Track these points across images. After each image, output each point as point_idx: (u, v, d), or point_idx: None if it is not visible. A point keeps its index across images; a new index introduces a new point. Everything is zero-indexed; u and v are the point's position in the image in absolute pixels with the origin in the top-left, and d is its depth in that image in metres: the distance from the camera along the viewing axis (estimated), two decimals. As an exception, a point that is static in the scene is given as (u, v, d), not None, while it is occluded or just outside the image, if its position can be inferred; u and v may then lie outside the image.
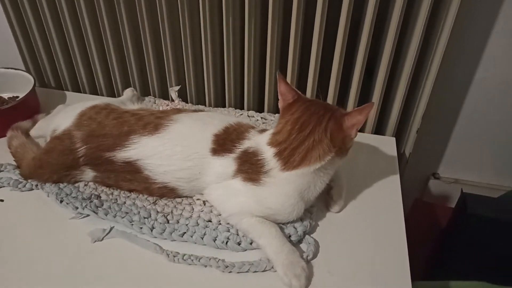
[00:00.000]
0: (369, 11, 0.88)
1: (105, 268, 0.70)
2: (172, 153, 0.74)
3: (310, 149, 0.70)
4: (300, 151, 0.70)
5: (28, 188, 0.83)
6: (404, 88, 0.98)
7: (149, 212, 0.77)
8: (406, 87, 0.98)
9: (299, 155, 0.70)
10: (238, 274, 0.69)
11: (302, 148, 0.70)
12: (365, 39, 0.92)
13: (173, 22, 0.99)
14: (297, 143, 0.70)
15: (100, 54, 1.10)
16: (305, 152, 0.70)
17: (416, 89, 1.01)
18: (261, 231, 0.70)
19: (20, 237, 0.75)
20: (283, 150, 0.71)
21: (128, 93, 1.03)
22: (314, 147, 0.70)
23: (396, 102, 1.01)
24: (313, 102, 0.76)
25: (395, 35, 0.90)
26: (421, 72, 0.99)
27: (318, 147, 0.70)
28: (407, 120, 1.06)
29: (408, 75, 0.96)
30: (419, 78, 1.00)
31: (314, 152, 0.70)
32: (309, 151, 0.70)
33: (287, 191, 0.71)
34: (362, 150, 0.98)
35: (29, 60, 1.17)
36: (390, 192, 0.85)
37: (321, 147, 0.70)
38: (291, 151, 0.70)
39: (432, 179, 1.28)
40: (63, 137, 0.79)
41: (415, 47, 0.91)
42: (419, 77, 1.00)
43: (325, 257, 0.72)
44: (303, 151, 0.70)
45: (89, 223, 0.77)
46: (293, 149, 0.70)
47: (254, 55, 1.00)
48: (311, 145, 0.70)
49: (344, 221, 0.79)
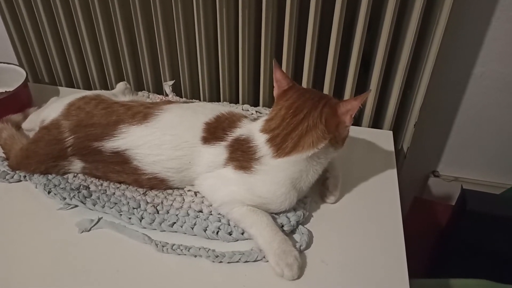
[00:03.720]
0: (364, 3, 0.87)
1: (92, 258, 0.68)
2: (161, 142, 0.73)
3: (304, 135, 0.68)
4: (293, 137, 0.68)
5: (16, 180, 0.81)
6: (400, 81, 0.96)
7: (138, 202, 0.75)
8: (402, 80, 0.96)
9: (291, 141, 0.68)
10: (229, 264, 0.67)
11: (295, 133, 0.68)
12: (360, 32, 0.90)
13: (167, 16, 0.98)
14: (290, 128, 0.69)
15: (93, 49, 1.09)
16: (298, 138, 0.68)
17: (414, 82, 1.00)
18: (252, 220, 0.68)
19: (7, 228, 0.73)
20: (276, 136, 0.69)
21: (121, 86, 1.01)
22: (308, 132, 0.68)
23: (393, 95, 0.99)
24: (308, 90, 0.75)
25: (390, 28, 0.89)
26: (418, 65, 0.97)
27: (312, 132, 0.68)
28: (405, 114, 1.04)
29: (405, 68, 0.94)
30: (416, 71, 0.99)
31: (307, 138, 0.68)
32: (302, 137, 0.68)
33: (278, 179, 0.69)
34: (358, 143, 0.96)
35: (22, 56, 1.16)
36: (387, 186, 0.83)
37: (315, 133, 0.68)
38: (283, 137, 0.69)
39: (431, 177, 1.26)
40: (51, 127, 0.78)
41: (411, 39, 0.90)
42: (416, 70, 0.99)
43: (319, 247, 0.70)
44: (296, 136, 0.68)
45: (77, 214, 0.75)
46: (286, 135, 0.69)
47: (249, 49, 0.99)
48: (305, 130, 0.68)
49: (339, 213, 0.77)
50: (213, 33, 0.99)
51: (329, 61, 0.96)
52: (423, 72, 0.95)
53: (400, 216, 0.76)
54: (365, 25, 0.90)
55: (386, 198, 0.80)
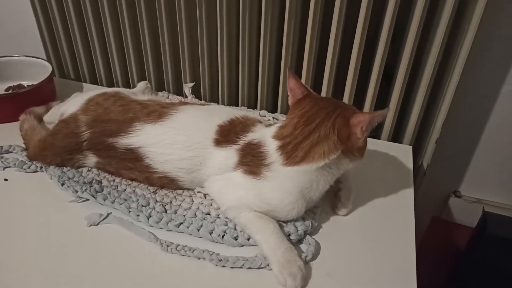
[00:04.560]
0: (389, 13, 0.85)
1: (97, 252, 0.68)
2: (173, 142, 0.73)
3: (315, 145, 0.67)
4: (303, 146, 0.67)
5: (33, 170, 0.83)
6: (423, 94, 0.94)
7: (148, 200, 0.75)
8: (425, 93, 0.93)
9: (302, 150, 0.67)
10: (232, 269, 0.66)
11: (307, 143, 0.67)
12: (383, 43, 0.89)
13: (190, 18, 0.99)
14: (302, 137, 0.67)
15: (118, 48, 1.11)
16: (309, 147, 0.67)
17: (437, 96, 0.97)
18: (258, 226, 0.67)
19: (19, 216, 0.75)
20: (287, 144, 0.68)
21: (141, 85, 1.03)
22: (319, 142, 0.67)
23: (415, 109, 0.96)
24: (324, 99, 0.74)
25: (414, 39, 0.87)
26: (443, 78, 0.95)
27: (323, 143, 0.67)
28: (426, 129, 1.01)
29: (428, 81, 0.92)
30: (440, 85, 0.96)
31: (318, 148, 0.67)
32: (313, 147, 0.67)
33: (287, 187, 0.68)
34: (376, 157, 0.94)
35: (51, 52, 1.20)
36: (402, 203, 0.80)
37: (326, 143, 0.67)
38: (294, 146, 0.67)
39: (452, 197, 1.21)
40: (69, 121, 0.79)
41: (436, 52, 0.88)
42: (440, 84, 0.96)
43: (326, 259, 0.68)
44: (307, 146, 0.67)
45: (87, 207, 0.76)
46: (297, 144, 0.67)
47: (270, 55, 0.99)
48: (316, 140, 0.67)
49: (349, 226, 0.75)
50: (235, 38, 1.00)
51: (350, 71, 0.95)
52: (448, 86, 0.92)
53: (413, 235, 0.73)
54: (389, 36, 0.88)
55: (400, 215, 0.77)
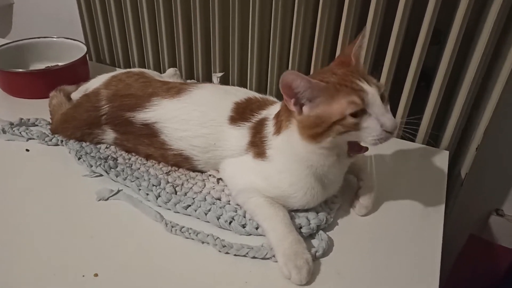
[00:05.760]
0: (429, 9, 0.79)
1: (100, 226, 0.66)
2: (189, 117, 0.71)
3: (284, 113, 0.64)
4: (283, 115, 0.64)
5: (54, 143, 0.84)
6: (464, 96, 0.86)
7: (159, 180, 0.73)
8: (467, 96, 0.86)
9: (283, 119, 0.64)
10: (235, 257, 0.62)
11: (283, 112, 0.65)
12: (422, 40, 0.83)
13: (223, 8, 0.99)
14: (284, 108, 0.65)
15: (152, 35, 1.12)
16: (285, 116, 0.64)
17: (481, 100, 0.89)
18: (267, 213, 0.63)
19: (33, 185, 0.75)
20: (278, 115, 0.66)
21: (170, 71, 1.02)
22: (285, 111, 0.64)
23: (455, 112, 0.89)
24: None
25: (456, 39, 0.81)
26: (488, 81, 0.87)
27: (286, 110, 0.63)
28: (467, 135, 0.93)
29: (471, 83, 0.84)
30: (485, 88, 0.88)
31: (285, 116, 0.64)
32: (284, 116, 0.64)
33: (288, 165, 0.64)
34: (408, 158, 0.87)
35: (90, 37, 1.23)
36: (431, 209, 0.73)
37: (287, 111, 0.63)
38: (281, 116, 0.65)
39: (494, 215, 1.11)
40: (91, 95, 0.80)
41: (480, 52, 0.81)
42: (485, 87, 0.88)
43: (337, 258, 0.62)
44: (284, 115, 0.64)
45: (100, 182, 0.75)
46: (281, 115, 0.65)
47: (302, 47, 0.95)
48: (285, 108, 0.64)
49: (368, 227, 0.69)
50: (267, 28, 0.97)
51: (385, 68, 0.89)
52: (493, 90, 0.84)
53: (440, 247, 0.65)
54: (428, 33, 0.82)
55: (427, 222, 0.70)
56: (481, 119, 0.87)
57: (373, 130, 0.57)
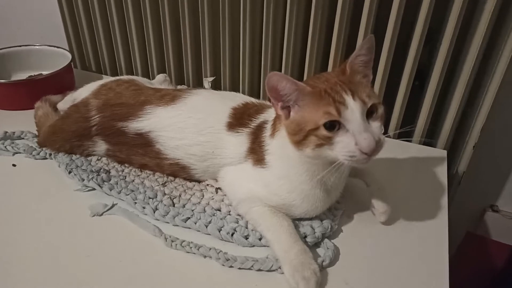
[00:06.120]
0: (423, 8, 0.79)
1: (97, 244, 0.63)
2: (185, 125, 0.68)
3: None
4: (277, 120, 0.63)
5: (42, 157, 0.81)
6: (461, 94, 0.86)
7: (155, 192, 0.71)
8: (463, 94, 0.85)
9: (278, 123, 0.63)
10: (240, 270, 0.60)
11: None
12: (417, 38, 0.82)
13: (213, 11, 0.96)
14: None
15: (139, 40, 1.09)
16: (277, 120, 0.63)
17: (477, 97, 0.89)
18: (270, 223, 0.61)
19: (23, 201, 0.71)
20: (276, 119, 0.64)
21: (160, 77, 0.99)
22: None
23: (451, 110, 0.88)
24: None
25: (452, 37, 0.80)
26: (483, 78, 0.86)
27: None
28: (463, 134, 0.93)
29: (467, 81, 0.84)
30: (481, 85, 0.88)
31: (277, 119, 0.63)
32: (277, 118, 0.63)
33: (286, 171, 0.62)
34: (407, 161, 0.86)
35: (74, 44, 1.18)
36: (434, 212, 0.72)
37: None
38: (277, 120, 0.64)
39: (489, 212, 1.11)
40: (80, 105, 0.76)
41: (476, 50, 0.81)
42: (481, 84, 0.87)
43: (344, 266, 0.61)
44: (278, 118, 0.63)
45: (93, 197, 0.72)
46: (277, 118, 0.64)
47: (294, 51, 0.93)
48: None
49: (373, 232, 0.67)
50: (258, 32, 0.95)
51: (379, 69, 0.88)
52: (489, 87, 0.84)
53: (447, 250, 0.65)
54: (423, 32, 0.81)
55: (432, 226, 0.69)
56: (478, 117, 0.87)
57: (346, 146, 0.53)
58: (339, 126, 0.53)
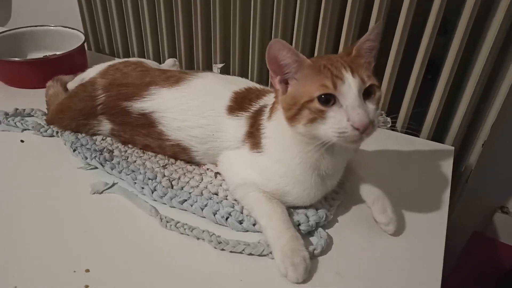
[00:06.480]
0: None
1: (95, 220, 0.65)
2: (187, 107, 0.69)
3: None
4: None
5: (49, 134, 0.82)
6: (472, 90, 0.83)
7: (155, 174, 0.72)
8: (474, 90, 0.83)
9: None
10: (231, 253, 0.60)
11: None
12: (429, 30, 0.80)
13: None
14: None
15: (152, 26, 1.09)
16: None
17: (489, 94, 0.86)
18: (265, 209, 0.61)
19: (27, 177, 0.73)
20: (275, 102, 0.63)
21: (169, 62, 1.00)
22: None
23: (461, 106, 0.86)
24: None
25: (465, 30, 0.78)
26: (497, 74, 0.84)
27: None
28: (473, 131, 0.90)
29: (478, 76, 0.82)
30: (493, 82, 0.85)
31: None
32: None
33: (281, 154, 0.61)
34: (412, 155, 0.84)
35: (89, 27, 1.20)
36: (434, 209, 0.70)
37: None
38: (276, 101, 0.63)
39: (498, 213, 1.08)
40: (87, 84, 0.78)
41: (489, 45, 0.78)
42: (493, 81, 0.85)
43: (337, 257, 0.60)
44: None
45: (95, 175, 0.73)
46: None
47: (304, 39, 0.92)
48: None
49: (370, 224, 0.66)
50: (269, 19, 0.95)
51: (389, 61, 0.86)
52: (502, 83, 0.81)
53: (443, 245, 0.63)
54: (436, 23, 0.79)
55: (430, 223, 0.67)
56: (488, 114, 0.85)
57: (337, 122, 0.52)
58: (334, 101, 0.52)
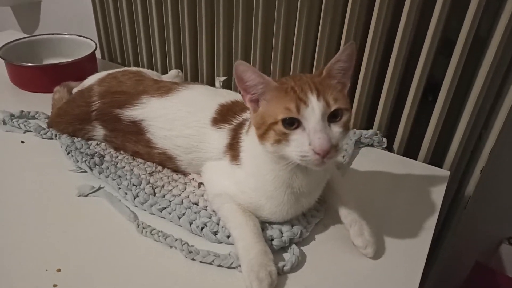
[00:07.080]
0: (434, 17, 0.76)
1: (75, 221, 0.67)
2: (174, 117, 0.71)
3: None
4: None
5: (48, 137, 0.86)
6: (469, 113, 0.81)
7: (140, 180, 0.73)
8: (472, 113, 0.81)
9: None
10: (201, 264, 0.60)
11: None
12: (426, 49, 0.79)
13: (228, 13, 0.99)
14: None
15: (160, 38, 1.13)
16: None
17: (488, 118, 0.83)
18: (238, 221, 0.61)
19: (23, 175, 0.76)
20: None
21: (173, 73, 1.03)
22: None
23: (459, 130, 0.84)
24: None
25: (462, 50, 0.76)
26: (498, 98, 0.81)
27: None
28: (472, 156, 0.87)
29: (476, 98, 0.80)
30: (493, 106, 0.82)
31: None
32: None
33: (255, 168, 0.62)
34: (405, 177, 0.82)
35: (103, 37, 1.26)
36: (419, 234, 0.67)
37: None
38: None
39: (505, 244, 1.04)
40: (85, 91, 0.81)
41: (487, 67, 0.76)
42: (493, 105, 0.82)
43: (307, 274, 0.59)
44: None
45: (85, 178, 0.76)
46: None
47: (304, 53, 0.93)
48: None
49: (348, 245, 0.64)
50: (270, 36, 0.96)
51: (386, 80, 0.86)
52: (501, 107, 0.79)
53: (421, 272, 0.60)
54: (433, 43, 0.78)
55: (411, 247, 0.65)
56: (487, 139, 0.82)
57: (299, 145, 0.52)
58: (298, 124, 0.53)
